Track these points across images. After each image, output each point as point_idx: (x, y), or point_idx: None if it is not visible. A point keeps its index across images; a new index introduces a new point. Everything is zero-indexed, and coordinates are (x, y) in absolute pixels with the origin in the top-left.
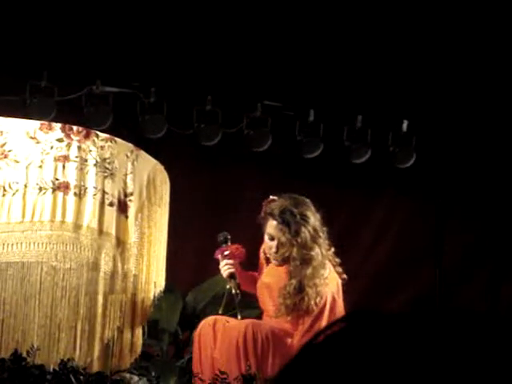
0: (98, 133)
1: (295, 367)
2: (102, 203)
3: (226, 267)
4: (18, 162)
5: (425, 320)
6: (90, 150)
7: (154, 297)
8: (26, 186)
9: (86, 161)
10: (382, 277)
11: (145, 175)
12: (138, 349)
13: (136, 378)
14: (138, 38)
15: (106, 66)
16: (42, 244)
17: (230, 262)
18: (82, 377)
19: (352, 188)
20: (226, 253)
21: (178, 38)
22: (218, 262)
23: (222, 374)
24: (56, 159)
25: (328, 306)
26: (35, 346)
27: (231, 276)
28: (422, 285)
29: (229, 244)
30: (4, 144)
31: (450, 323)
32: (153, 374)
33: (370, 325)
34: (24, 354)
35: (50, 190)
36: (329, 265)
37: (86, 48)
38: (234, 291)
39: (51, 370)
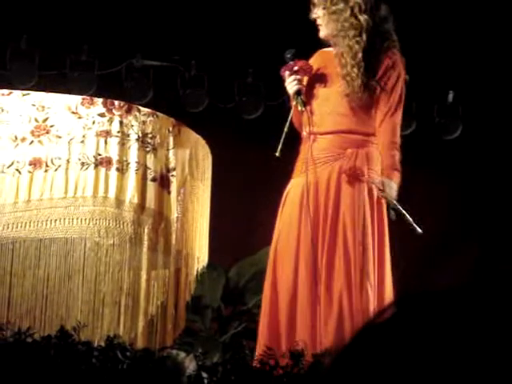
0: (140, 107)
1: (351, 352)
2: (145, 178)
3: (294, 82)
4: (59, 137)
5: (476, 297)
6: (132, 125)
7: (197, 272)
8: (68, 161)
9: (128, 136)
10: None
11: (187, 150)
12: (182, 324)
13: (183, 354)
14: (178, 11)
15: (146, 39)
16: (85, 220)
17: (299, 77)
18: (128, 353)
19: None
20: (296, 68)
21: (219, 10)
22: (261, 236)
23: (269, 349)
24: (98, 134)
25: None
26: (81, 323)
27: (298, 93)
28: (466, 262)
29: (296, 60)
30: (46, 119)
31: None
32: (199, 350)
33: (422, 308)
34: (69, 330)
35: (93, 166)
36: None
37: (126, 21)
38: (300, 108)
39: (97, 346)
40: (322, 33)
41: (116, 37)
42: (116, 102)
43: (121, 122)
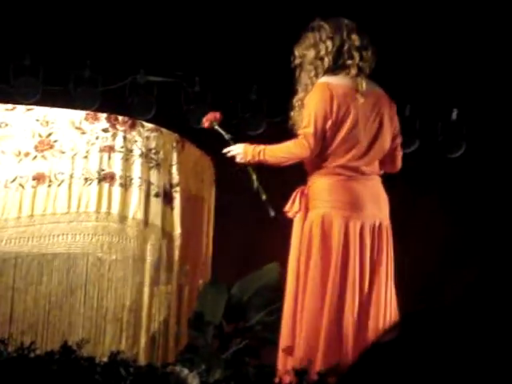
0: (144, 123)
1: (358, 371)
2: (148, 194)
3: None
4: (63, 152)
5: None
6: (136, 141)
7: (199, 288)
8: (71, 176)
9: (132, 151)
10: (427, 276)
11: (190, 166)
12: (184, 341)
13: (186, 371)
14: (182, 27)
15: (150, 55)
16: (88, 235)
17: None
18: (131, 369)
19: (400, 179)
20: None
21: (223, 26)
22: (263, 256)
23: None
24: (101, 150)
25: None
26: (84, 338)
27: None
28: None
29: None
30: (50, 134)
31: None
32: (202, 367)
33: (425, 328)
34: (72, 346)
35: (96, 181)
36: None
37: (130, 37)
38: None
39: (100, 362)
40: (297, 77)
41: (120, 52)
42: (120, 118)
43: (124, 138)
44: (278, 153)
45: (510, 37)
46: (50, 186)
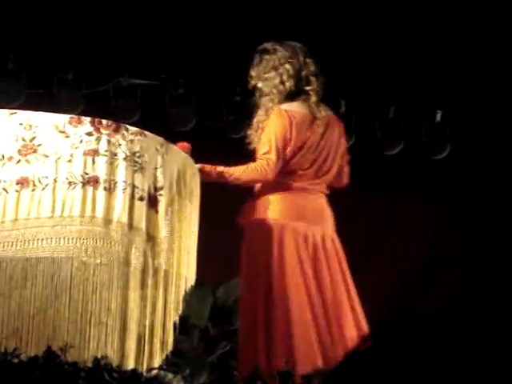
0: (128, 126)
1: (338, 376)
2: (132, 198)
3: None
4: (47, 156)
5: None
6: (120, 144)
7: (185, 292)
8: (55, 180)
9: (116, 155)
10: (411, 278)
11: (175, 169)
12: (169, 345)
13: (171, 375)
14: (165, 30)
15: (134, 58)
16: (72, 239)
17: None
18: (116, 374)
19: (384, 181)
20: None
21: (206, 28)
22: None
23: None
24: (85, 153)
25: None
26: (68, 343)
27: None
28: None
29: None
30: (33, 138)
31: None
32: (187, 371)
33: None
34: (56, 351)
35: (80, 185)
36: None
37: (113, 40)
38: None
39: (84, 367)
40: (257, 98)
41: (103, 56)
42: (104, 121)
43: (108, 141)
44: (243, 177)
45: (495, 39)
46: (33, 190)
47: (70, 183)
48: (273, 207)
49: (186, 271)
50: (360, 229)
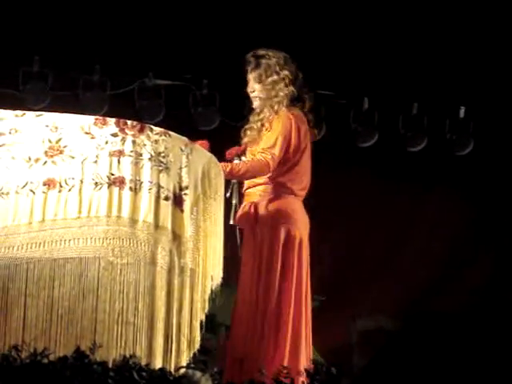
0: (152, 127)
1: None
2: (158, 197)
3: None
4: (73, 157)
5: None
6: (145, 144)
7: (211, 291)
8: (81, 181)
9: (141, 155)
10: (437, 272)
11: (199, 168)
12: (196, 343)
13: (199, 374)
14: (190, 30)
15: (158, 58)
16: (99, 239)
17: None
18: (144, 373)
19: (408, 177)
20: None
21: (231, 29)
22: None
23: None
24: (111, 154)
25: None
26: (97, 343)
27: None
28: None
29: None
30: (59, 140)
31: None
32: (215, 369)
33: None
34: (84, 351)
35: (106, 185)
36: None
37: (138, 41)
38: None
39: (113, 366)
40: (256, 103)
41: (128, 57)
42: (128, 122)
43: (133, 142)
44: (247, 167)
45: None
46: (60, 191)
47: (96, 184)
48: (272, 209)
49: (212, 270)
50: (385, 226)
